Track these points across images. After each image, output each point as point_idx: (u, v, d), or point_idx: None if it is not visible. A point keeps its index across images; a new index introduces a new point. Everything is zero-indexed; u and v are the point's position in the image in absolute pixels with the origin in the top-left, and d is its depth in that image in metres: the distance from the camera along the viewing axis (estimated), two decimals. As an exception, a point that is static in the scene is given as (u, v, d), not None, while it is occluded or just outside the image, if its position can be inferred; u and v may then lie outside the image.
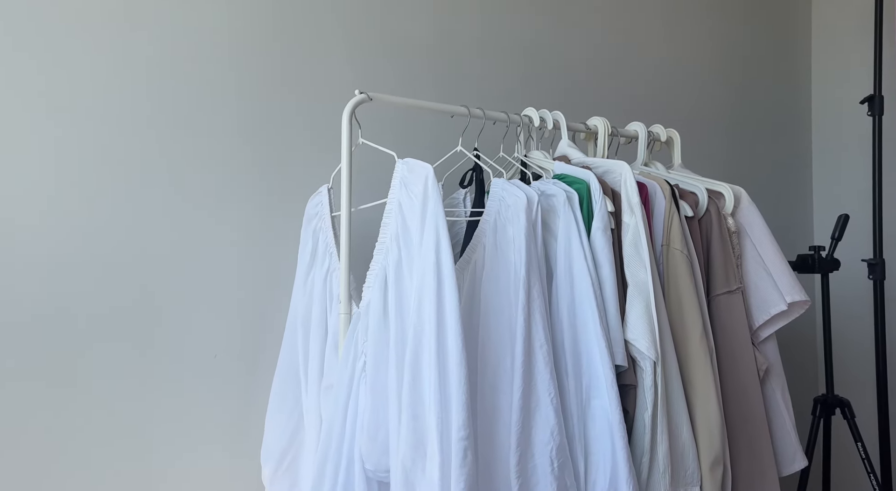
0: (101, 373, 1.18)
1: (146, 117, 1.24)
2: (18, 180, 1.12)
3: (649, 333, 1.12)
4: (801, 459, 1.36)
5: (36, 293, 1.13)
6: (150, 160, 1.24)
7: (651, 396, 1.11)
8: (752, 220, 1.39)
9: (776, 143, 2.43)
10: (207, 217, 1.29)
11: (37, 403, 1.13)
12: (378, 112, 1.31)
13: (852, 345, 2.32)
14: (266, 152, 1.36)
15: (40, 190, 1.14)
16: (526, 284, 1.06)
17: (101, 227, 1.19)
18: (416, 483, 0.94)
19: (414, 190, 1.05)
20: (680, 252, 1.24)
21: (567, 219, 1.15)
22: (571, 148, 1.39)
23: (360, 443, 1.03)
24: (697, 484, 1.14)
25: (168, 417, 1.24)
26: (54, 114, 1.15)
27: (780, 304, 1.32)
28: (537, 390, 1.03)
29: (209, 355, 1.29)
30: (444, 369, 0.95)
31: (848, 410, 1.83)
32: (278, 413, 1.25)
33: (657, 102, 2.04)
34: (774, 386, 1.36)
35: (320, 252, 1.25)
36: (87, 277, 1.18)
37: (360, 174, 1.20)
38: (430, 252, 0.99)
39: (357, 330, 1.08)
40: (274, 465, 1.23)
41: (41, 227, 1.14)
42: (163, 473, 1.23)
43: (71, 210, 1.17)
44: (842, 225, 1.83)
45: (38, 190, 1.14)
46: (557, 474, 1.00)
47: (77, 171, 1.17)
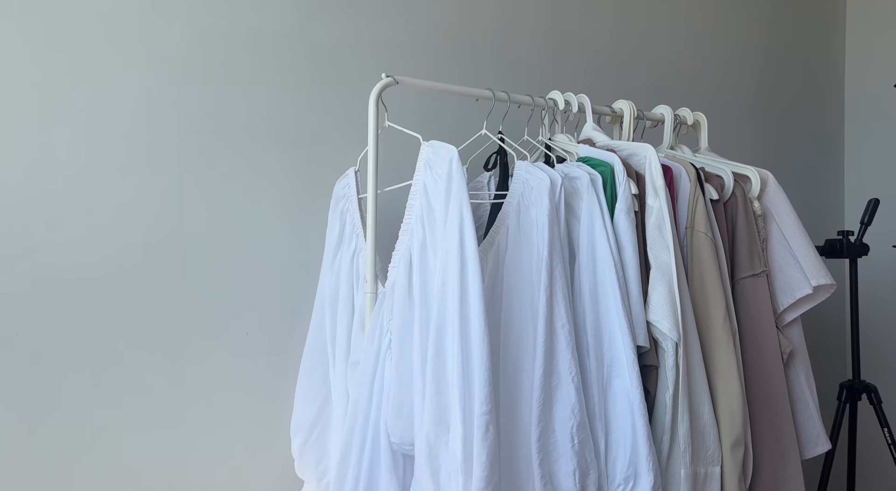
0: (136, 349, 1.23)
1: (177, 102, 1.27)
2: (55, 163, 1.17)
3: (671, 315, 1.13)
4: (825, 443, 1.36)
5: (73, 271, 1.18)
6: (183, 145, 1.28)
7: (672, 377, 1.12)
8: (779, 204, 1.38)
9: (807, 126, 2.40)
10: (239, 199, 1.33)
11: (72, 376, 1.18)
12: (404, 96, 1.33)
13: (881, 331, 2.29)
14: (294, 136, 1.39)
15: (79, 174, 1.19)
16: (548, 264, 1.08)
17: (138, 209, 1.24)
18: (439, 456, 0.97)
19: (438, 172, 1.07)
20: (704, 235, 1.24)
21: (590, 201, 1.16)
22: (596, 131, 1.40)
23: (385, 417, 1.06)
24: (718, 464, 1.16)
25: (201, 392, 1.29)
26: (92, 100, 1.19)
27: (806, 287, 1.31)
28: (559, 369, 1.05)
29: (241, 333, 1.33)
30: (466, 346, 0.97)
31: (875, 396, 1.82)
32: (307, 388, 1.28)
33: (684, 85, 2.02)
34: (798, 369, 1.36)
35: (347, 233, 1.28)
36: (123, 256, 1.22)
37: (386, 157, 1.22)
38: (454, 232, 1.01)
39: (383, 309, 1.11)
40: (303, 437, 1.27)
41: (79, 209, 1.19)
42: (195, 445, 1.28)
43: (109, 193, 1.21)
44: (872, 209, 1.80)
45: (76, 174, 1.18)
46: (578, 450, 1.02)
47: (113, 156, 1.21)
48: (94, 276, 1.19)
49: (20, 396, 1.13)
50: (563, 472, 1.02)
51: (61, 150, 1.17)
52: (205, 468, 1.29)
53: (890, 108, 2.28)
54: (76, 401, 1.18)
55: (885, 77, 2.26)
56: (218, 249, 1.31)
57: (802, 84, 2.38)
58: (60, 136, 1.17)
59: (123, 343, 1.22)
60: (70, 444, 1.17)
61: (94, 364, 1.19)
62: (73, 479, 1.17)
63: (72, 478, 1.17)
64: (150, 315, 1.24)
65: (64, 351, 1.17)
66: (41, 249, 1.15)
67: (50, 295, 1.16)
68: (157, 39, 1.25)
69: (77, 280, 1.18)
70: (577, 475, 1.02)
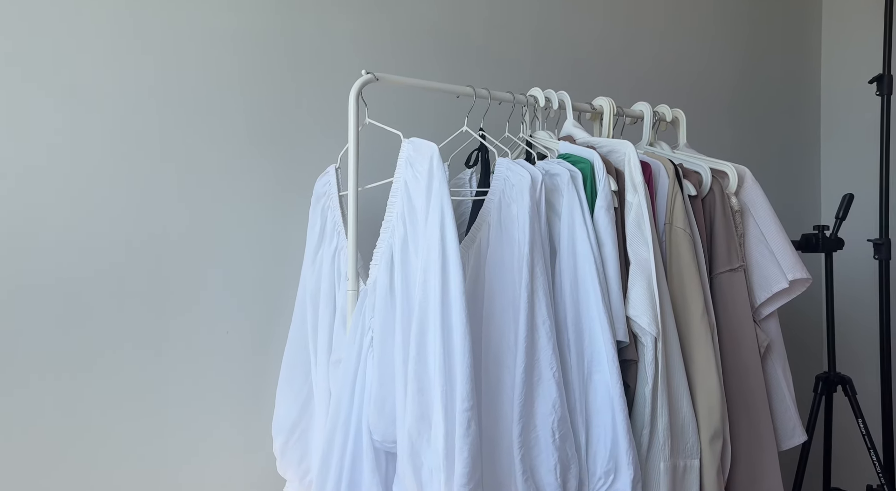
0: (115, 350, 1.22)
1: (156, 101, 1.26)
2: (31, 165, 1.15)
3: (650, 310, 1.14)
4: (801, 434, 1.38)
5: (50, 272, 1.16)
6: (162, 142, 1.26)
7: (652, 371, 1.14)
8: (756, 199, 1.40)
9: (784, 123, 2.43)
10: (219, 197, 1.32)
11: (50, 378, 1.16)
12: (385, 93, 1.32)
13: (856, 324, 2.34)
14: (275, 133, 1.38)
15: (56, 174, 1.17)
16: (529, 261, 1.09)
17: (116, 209, 1.22)
18: (421, 452, 0.98)
19: (419, 169, 1.07)
20: (682, 230, 1.26)
21: (570, 197, 1.17)
22: (576, 128, 1.40)
23: (367, 415, 1.06)
24: (697, 456, 1.17)
25: (181, 392, 1.28)
26: (68, 99, 1.18)
27: (782, 281, 1.33)
28: (540, 365, 1.06)
29: (222, 332, 1.32)
30: (448, 344, 0.98)
31: (849, 388, 1.85)
32: (288, 387, 1.28)
33: (663, 82, 2.04)
34: (775, 362, 1.38)
35: (328, 231, 1.28)
36: (101, 257, 1.21)
37: (367, 154, 1.22)
38: (435, 230, 1.02)
39: (364, 306, 1.11)
40: (285, 437, 1.26)
41: (56, 209, 1.17)
42: (177, 445, 1.27)
43: (87, 193, 1.20)
44: (846, 205, 1.83)
45: (53, 174, 1.17)
46: (559, 445, 1.03)
47: (91, 156, 1.20)
48: (71, 276, 1.18)
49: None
50: (545, 467, 1.03)
51: (37, 151, 1.15)
52: (187, 468, 1.28)
53: (865, 105, 2.32)
54: (55, 403, 1.16)
55: (861, 74, 2.30)
56: (198, 247, 1.30)
57: (780, 81, 2.41)
58: (36, 137, 1.15)
59: (102, 344, 1.20)
60: (50, 447, 1.16)
61: (74, 366, 1.18)
62: (52, 481, 1.16)
63: (52, 480, 1.16)
64: (129, 315, 1.23)
65: (42, 353, 1.15)
66: (17, 249, 1.14)
67: (26, 296, 1.14)
68: (135, 38, 1.24)
69: (54, 280, 1.17)
70: (558, 470, 1.03)
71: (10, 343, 1.13)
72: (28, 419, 1.14)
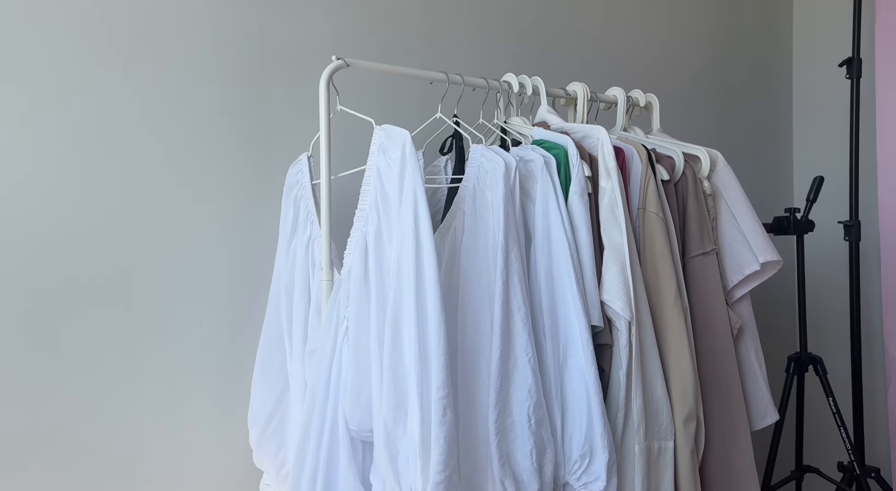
0: (87, 345, 1.20)
1: (125, 91, 1.23)
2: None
3: (624, 294, 1.15)
4: (773, 414, 1.41)
5: (17, 267, 1.14)
6: (132, 133, 1.24)
7: (626, 355, 1.15)
8: (728, 183, 1.42)
9: (757, 106, 2.45)
10: (189, 188, 1.30)
11: (21, 375, 1.14)
12: (358, 79, 1.31)
13: (827, 305, 2.38)
14: (245, 122, 1.36)
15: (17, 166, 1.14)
16: (504, 248, 1.09)
17: (84, 200, 1.19)
18: (398, 441, 0.98)
19: (392, 156, 1.06)
20: (655, 215, 1.26)
21: (545, 184, 1.17)
22: (551, 114, 1.40)
23: (343, 404, 1.05)
24: (671, 438, 1.19)
25: (154, 385, 1.26)
26: (33, 90, 1.14)
27: (754, 264, 1.35)
28: (515, 351, 1.06)
29: (194, 324, 1.31)
30: (423, 332, 0.98)
31: (820, 367, 1.89)
32: (263, 378, 1.27)
33: (637, 68, 2.05)
34: (748, 344, 1.40)
35: (301, 220, 1.26)
36: (70, 250, 1.18)
37: (339, 142, 1.21)
38: (409, 217, 1.01)
39: (339, 296, 1.10)
40: (260, 428, 1.26)
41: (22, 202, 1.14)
42: (151, 439, 1.26)
43: (56, 184, 1.17)
44: (816, 187, 1.86)
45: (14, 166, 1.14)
46: (535, 430, 1.04)
47: (57, 149, 1.17)
48: (39, 270, 1.15)
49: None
50: (521, 452, 1.03)
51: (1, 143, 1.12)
52: (162, 462, 1.27)
53: (836, 88, 2.35)
54: (24, 401, 1.14)
55: (831, 57, 2.33)
56: (168, 239, 1.28)
57: (752, 64, 2.43)
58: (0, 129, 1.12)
59: (73, 340, 1.18)
60: (20, 444, 1.14)
61: (42, 362, 1.16)
62: (25, 478, 1.14)
63: (24, 478, 1.14)
64: (99, 309, 1.21)
65: (10, 349, 1.13)
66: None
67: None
68: (104, 29, 1.20)
69: (22, 276, 1.14)
70: (534, 455, 1.03)
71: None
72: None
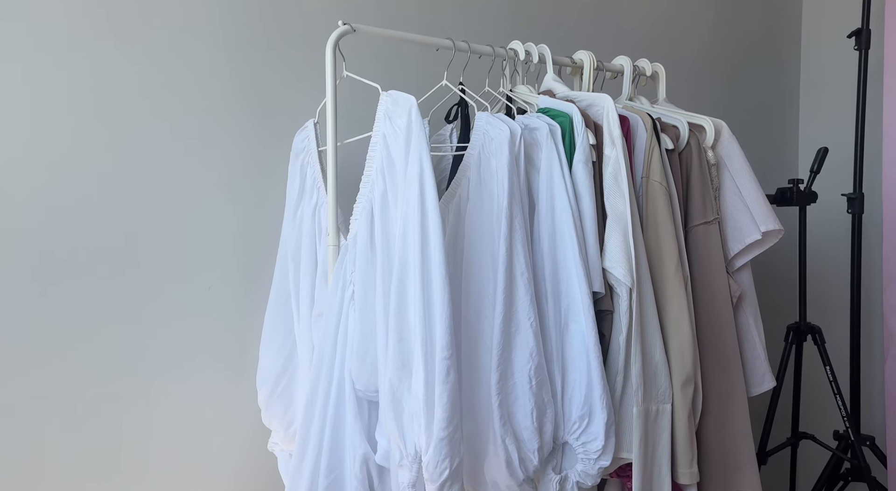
0: (96, 308, 1.22)
1: (130, 57, 1.24)
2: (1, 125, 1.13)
3: (626, 261, 1.17)
4: (770, 380, 1.43)
5: (27, 231, 1.16)
6: (138, 99, 1.25)
7: (626, 321, 1.17)
8: (732, 153, 1.42)
9: (764, 77, 2.43)
10: (197, 154, 1.31)
11: (30, 339, 1.17)
12: (364, 46, 1.31)
13: (827, 275, 2.40)
14: (251, 88, 1.37)
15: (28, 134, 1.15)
16: (508, 215, 1.10)
17: (91, 165, 1.21)
18: (402, 399, 1.01)
19: (398, 122, 1.07)
20: (659, 184, 1.27)
21: (549, 152, 1.18)
22: (557, 82, 1.40)
23: (349, 365, 1.08)
24: (669, 401, 1.22)
25: (165, 347, 1.29)
26: (35, 52, 1.15)
27: (755, 233, 1.36)
28: (518, 315, 1.08)
29: (203, 288, 1.33)
30: (428, 295, 1.00)
31: (819, 337, 1.91)
32: (272, 341, 1.30)
33: (644, 37, 2.03)
34: (747, 312, 1.42)
35: (308, 187, 1.28)
36: (78, 214, 1.20)
37: (345, 108, 1.21)
38: (415, 183, 1.02)
39: (345, 261, 1.12)
40: (269, 389, 1.29)
41: (28, 169, 1.16)
42: (162, 400, 1.30)
43: (63, 150, 1.18)
44: (820, 158, 1.86)
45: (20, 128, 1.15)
46: (535, 391, 1.07)
47: (62, 115, 1.18)
48: (47, 233, 1.18)
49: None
50: (522, 412, 1.06)
51: (6, 104, 1.13)
52: (172, 423, 1.31)
53: (845, 59, 2.33)
54: (33, 363, 1.17)
55: (840, 28, 2.30)
56: (177, 204, 1.30)
57: (760, 35, 2.40)
58: (5, 89, 1.13)
59: (81, 302, 1.21)
60: (29, 406, 1.17)
61: (53, 323, 1.19)
62: (32, 441, 1.18)
63: (31, 440, 1.18)
64: (109, 272, 1.23)
65: (18, 311, 1.16)
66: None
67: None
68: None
69: (29, 238, 1.16)
70: (534, 414, 1.07)
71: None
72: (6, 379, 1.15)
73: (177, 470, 1.31)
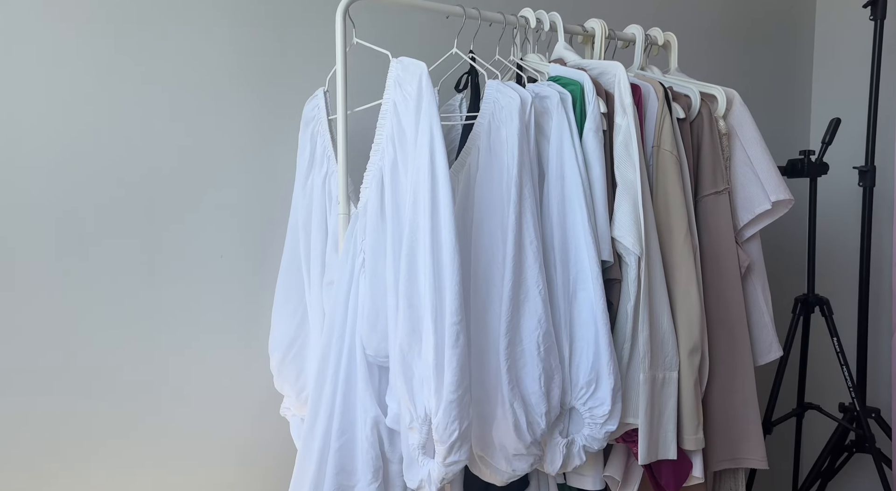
0: (109, 274, 1.24)
1: (142, 26, 1.23)
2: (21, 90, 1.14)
3: (635, 230, 1.17)
4: (777, 350, 1.44)
5: (41, 197, 1.17)
6: (150, 65, 1.25)
7: (634, 289, 1.18)
8: (743, 123, 1.41)
9: (777, 47, 2.40)
10: (208, 123, 1.32)
11: (43, 299, 1.19)
12: (374, 13, 1.30)
13: (836, 247, 2.39)
14: (261, 56, 1.36)
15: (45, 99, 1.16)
16: (518, 183, 1.10)
17: (105, 135, 1.22)
18: (412, 364, 1.02)
19: (408, 89, 1.07)
20: (670, 153, 1.27)
21: (560, 120, 1.17)
22: (568, 50, 1.39)
23: (360, 331, 1.10)
24: (676, 369, 1.23)
25: (177, 314, 1.31)
26: (55, 20, 1.15)
27: (765, 203, 1.36)
28: (526, 283, 1.09)
29: (215, 256, 1.35)
30: (437, 262, 1.01)
31: (826, 308, 1.92)
32: (283, 308, 1.32)
33: (656, 6, 2.00)
34: (755, 282, 1.43)
35: (318, 155, 1.28)
36: (91, 184, 1.21)
37: (355, 76, 1.21)
38: (425, 150, 1.03)
39: (356, 229, 1.13)
40: (281, 355, 1.31)
41: (43, 135, 1.17)
42: (175, 365, 1.32)
43: (76, 119, 1.19)
44: (833, 129, 1.84)
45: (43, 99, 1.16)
46: (543, 357, 1.08)
47: (78, 82, 1.18)
48: (63, 203, 1.19)
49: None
50: (530, 377, 1.08)
51: (26, 76, 1.14)
52: (185, 388, 1.33)
53: (859, 29, 2.29)
54: (46, 325, 1.20)
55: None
56: (189, 172, 1.31)
57: (774, 4, 2.36)
58: (25, 61, 1.14)
59: (97, 269, 1.23)
60: (47, 369, 1.20)
61: (69, 290, 1.21)
62: (46, 404, 1.21)
63: (45, 403, 1.21)
64: (122, 240, 1.25)
65: (36, 276, 1.18)
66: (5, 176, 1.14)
67: (17, 221, 1.16)
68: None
69: (45, 206, 1.18)
70: (542, 379, 1.08)
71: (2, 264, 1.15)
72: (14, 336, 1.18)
73: (190, 435, 1.34)
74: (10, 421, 1.17)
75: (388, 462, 1.09)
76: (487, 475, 1.12)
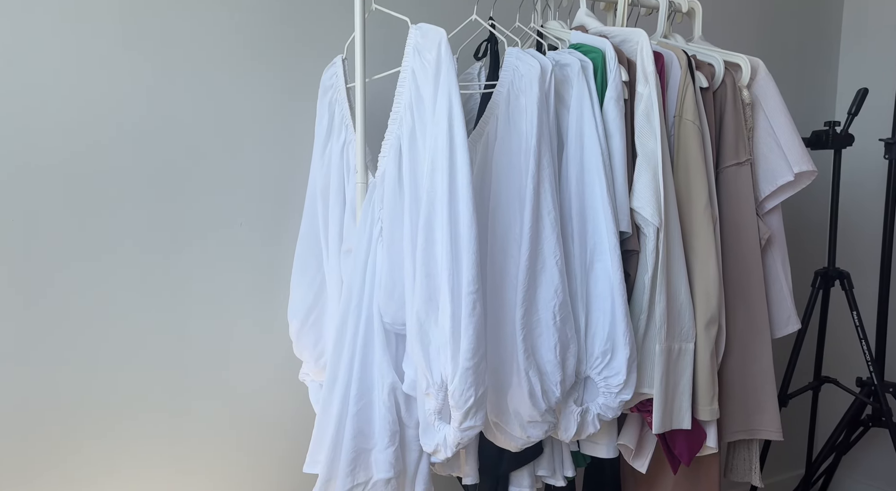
0: (131, 241, 1.26)
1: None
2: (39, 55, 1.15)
3: (654, 201, 1.16)
4: (795, 323, 1.43)
5: (63, 164, 1.19)
6: (169, 33, 1.25)
7: (652, 260, 1.17)
8: (768, 92, 1.38)
9: (804, 15, 2.33)
10: (227, 91, 1.32)
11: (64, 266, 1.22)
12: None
13: (860, 220, 2.35)
14: (279, 23, 1.36)
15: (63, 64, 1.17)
16: (536, 153, 1.10)
17: (126, 104, 1.23)
18: (429, 332, 1.03)
19: (427, 57, 1.06)
20: (692, 123, 1.25)
21: (580, 89, 1.16)
22: (590, 17, 1.37)
23: (378, 299, 1.11)
24: (692, 340, 1.23)
25: (198, 280, 1.33)
26: None
27: (788, 174, 1.34)
28: (543, 253, 1.09)
29: (235, 224, 1.36)
30: (455, 231, 1.01)
31: (847, 282, 1.90)
32: (302, 276, 1.33)
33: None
34: (775, 255, 1.41)
35: (336, 124, 1.28)
36: (113, 152, 1.23)
37: (374, 43, 1.20)
38: (443, 118, 1.02)
39: (374, 198, 1.13)
40: (300, 322, 1.33)
41: (64, 101, 1.18)
42: (197, 332, 1.35)
43: (96, 87, 1.20)
44: (859, 100, 1.79)
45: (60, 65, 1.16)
46: (559, 327, 1.09)
47: (97, 49, 1.19)
48: (85, 170, 1.21)
49: (17, 278, 1.18)
50: (546, 346, 1.09)
51: (44, 42, 1.14)
52: (206, 353, 1.36)
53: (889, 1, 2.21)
54: (71, 287, 1.22)
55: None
56: (208, 141, 1.31)
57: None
58: (43, 28, 1.14)
59: (119, 235, 1.25)
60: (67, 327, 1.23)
61: (90, 254, 1.23)
62: (70, 369, 1.24)
63: (68, 368, 1.24)
64: (144, 208, 1.26)
65: (56, 241, 1.20)
66: (26, 141, 1.16)
67: (40, 186, 1.17)
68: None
69: (68, 174, 1.19)
70: (558, 349, 1.09)
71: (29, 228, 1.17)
72: (42, 295, 1.20)
73: (209, 400, 1.37)
74: (39, 385, 1.20)
75: (404, 426, 1.11)
76: (502, 441, 1.14)
